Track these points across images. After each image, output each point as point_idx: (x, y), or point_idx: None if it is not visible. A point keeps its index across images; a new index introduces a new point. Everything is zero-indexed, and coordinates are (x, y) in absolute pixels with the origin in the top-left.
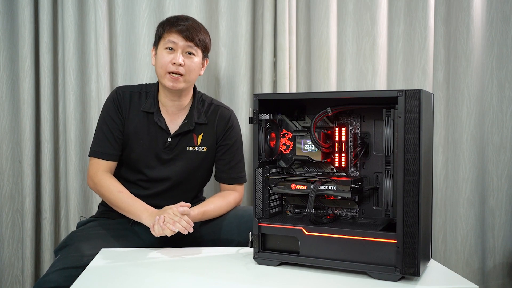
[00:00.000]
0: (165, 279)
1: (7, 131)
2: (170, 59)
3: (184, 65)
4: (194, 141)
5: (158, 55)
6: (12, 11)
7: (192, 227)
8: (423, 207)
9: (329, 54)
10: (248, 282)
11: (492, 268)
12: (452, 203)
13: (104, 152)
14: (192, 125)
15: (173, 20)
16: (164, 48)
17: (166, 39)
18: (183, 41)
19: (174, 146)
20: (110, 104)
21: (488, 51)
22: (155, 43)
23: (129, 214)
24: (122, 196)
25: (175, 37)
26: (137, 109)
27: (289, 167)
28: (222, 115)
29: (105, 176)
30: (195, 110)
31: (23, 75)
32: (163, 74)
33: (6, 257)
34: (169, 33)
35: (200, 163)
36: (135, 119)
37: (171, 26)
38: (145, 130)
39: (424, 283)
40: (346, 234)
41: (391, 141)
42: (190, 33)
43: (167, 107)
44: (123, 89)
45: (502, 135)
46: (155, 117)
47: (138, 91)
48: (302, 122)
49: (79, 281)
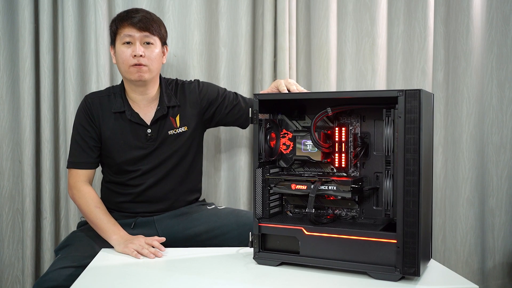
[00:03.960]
0: (165, 279)
1: (7, 131)
2: (130, 52)
3: (145, 55)
4: (173, 124)
5: (118, 52)
6: (12, 11)
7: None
8: (423, 207)
9: (329, 54)
10: (248, 282)
11: (492, 268)
12: (452, 203)
13: (80, 162)
14: (165, 109)
15: (124, 15)
16: (121, 44)
17: (122, 34)
18: (139, 32)
19: (156, 135)
20: (81, 114)
21: (488, 51)
22: (112, 42)
23: (100, 231)
24: (97, 212)
25: (130, 30)
26: (109, 112)
27: (289, 167)
28: (189, 89)
29: (84, 188)
30: (164, 95)
31: (23, 75)
32: (126, 68)
33: (6, 257)
34: (123, 27)
35: (184, 144)
36: (110, 122)
37: (123, 20)
38: (123, 129)
39: (424, 283)
40: (346, 234)
41: (391, 141)
42: (144, 23)
43: (137, 102)
44: (91, 96)
45: (502, 135)
46: (128, 114)
47: (106, 94)
48: (302, 122)
49: (79, 281)
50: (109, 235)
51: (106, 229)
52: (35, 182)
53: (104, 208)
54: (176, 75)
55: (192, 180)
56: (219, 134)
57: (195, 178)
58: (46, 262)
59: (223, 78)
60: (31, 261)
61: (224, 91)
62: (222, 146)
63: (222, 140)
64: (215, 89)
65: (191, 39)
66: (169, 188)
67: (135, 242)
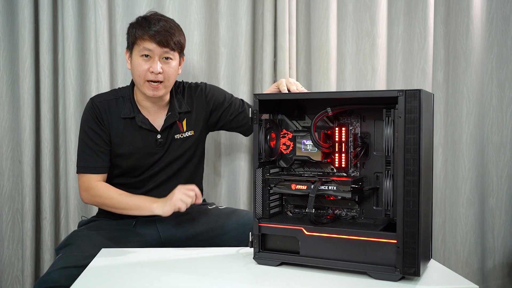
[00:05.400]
0: (165, 279)
1: (7, 131)
2: (148, 67)
3: (163, 72)
4: (180, 128)
5: (134, 62)
6: (12, 11)
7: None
8: (423, 207)
9: (329, 54)
10: (248, 282)
11: (492, 268)
12: (452, 203)
13: (94, 166)
14: (177, 115)
15: (144, 24)
16: (139, 56)
17: (141, 46)
18: (159, 48)
19: (165, 141)
20: (89, 117)
21: (488, 51)
22: (128, 47)
23: (138, 211)
24: (124, 198)
25: (150, 44)
26: (117, 117)
27: (289, 167)
28: (196, 93)
29: (100, 185)
30: (175, 101)
31: (23, 75)
32: (142, 82)
33: (6, 257)
34: (142, 40)
35: (190, 148)
36: (119, 127)
37: (143, 31)
38: (132, 135)
39: (424, 283)
40: (346, 234)
41: (391, 141)
42: (165, 38)
43: (147, 108)
44: (98, 99)
45: (502, 135)
46: (138, 120)
47: (114, 97)
48: (302, 122)
49: (80, 281)
50: (150, 206)
51: (142, 205)
52: (35, 182)
53: (126, 192)
54: None
55: (195, 182)
56: (220, 134)
57: (198, 180)
58: (46, 262)
59: (223, 78)
60: (31, 261)
61: (231, 96)
62: (223, 146)
63: (223, 140)
64: (221, 93)
65: (191, 39)
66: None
67: (175, 196)
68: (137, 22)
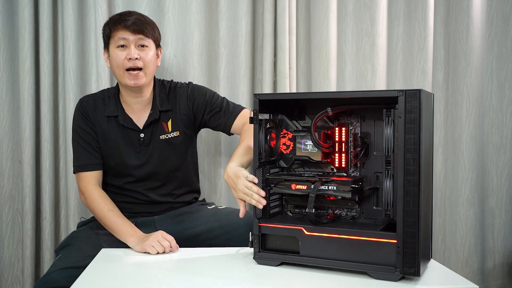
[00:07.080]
0: (165, 279)
1: (7, 131)
2: (125, 55)
3: (140, 58)
4: (165, 128)
5: (112, 56)
6: (12, 11)
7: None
8: (423, 207)
9: (329, 54)
10: (248, 282)
11: (491, 268)
12: (452, 203)
13: (87, 164)
14: (157, 113)
15: (117, 18)
16: (116, 47)
17: (116, 37)
18: (133, 35)
19: (149, 140)
20: (78, 116)
21: (488, 51)
22: (105, 46)
23: (116, 234)
24: (112, 215)
25: (124, 33)
26: (102, 116)
27: (289, 167)
28: (180, 93)
29: (95, 191)
30: (157, 99)
31: (23, 75)
32: (122, 73)
33: (6, 257)
34: (116, 30)
35: (178, 148)
36: (104, 125)
37: (116, 23)
38: (116, 134)
39: (424, 283)
40: (346, 234)
41: (391, 141)
42: (138, 26)
43: (131, 105)
44: (86, 98)
45: (502, 135)
46: (120, 119)
47: (101, 97)
48: (302, 122)
49: (79, 281)
50: (126, 237)
51: (122, 231)
52: (35, 182)
53: (118, 210)
54: (176, 75)
55: (190, 183)
56: (220, 134)
57: (192, 180)
58: (46, 262)
59: (223, 78)
60: (31, 261)
61: (212, 96)
62: (222, 146)
63: (222, 140)
64: (202, 93)
65: (191, 39)
66: (167, 192)
67: (150, 239)
68: (110, 19)
